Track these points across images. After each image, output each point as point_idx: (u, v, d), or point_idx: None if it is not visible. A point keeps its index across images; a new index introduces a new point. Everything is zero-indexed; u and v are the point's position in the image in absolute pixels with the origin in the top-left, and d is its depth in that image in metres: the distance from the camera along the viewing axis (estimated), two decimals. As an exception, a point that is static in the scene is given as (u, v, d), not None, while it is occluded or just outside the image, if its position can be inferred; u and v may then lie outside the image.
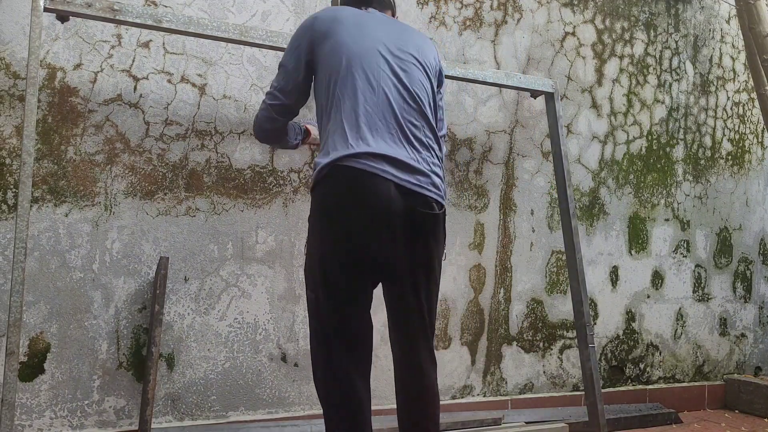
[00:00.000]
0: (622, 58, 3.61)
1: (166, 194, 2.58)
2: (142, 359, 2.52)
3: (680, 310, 3.78)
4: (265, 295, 2.74)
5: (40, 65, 2.35)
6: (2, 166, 2.35)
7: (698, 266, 3.85)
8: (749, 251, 4.04)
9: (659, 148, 3.73)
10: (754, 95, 4.00)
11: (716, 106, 3.93)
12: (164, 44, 2.58)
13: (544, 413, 3.18)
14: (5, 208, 2.35)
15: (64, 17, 2.22)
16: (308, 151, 2.81)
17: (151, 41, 2.56)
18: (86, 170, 2.46)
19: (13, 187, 2.35)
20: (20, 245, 2.00)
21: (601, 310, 3.52)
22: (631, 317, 3.61)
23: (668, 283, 3.74)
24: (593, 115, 3.52)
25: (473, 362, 3.17)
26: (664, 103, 3.75)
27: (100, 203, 2.48)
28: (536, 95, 3.04)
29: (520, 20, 3.31)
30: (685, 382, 3.80)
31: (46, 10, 2.11)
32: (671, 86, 3.77)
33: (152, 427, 2.47)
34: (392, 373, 2.06)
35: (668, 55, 3.77)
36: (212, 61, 2.65)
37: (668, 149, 3.76)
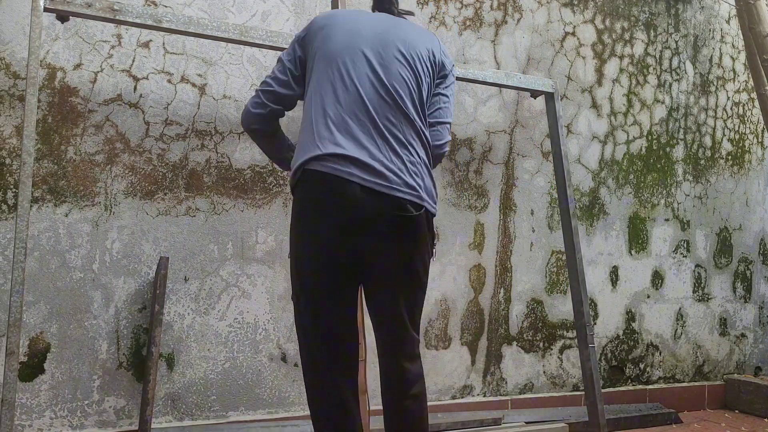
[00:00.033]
0: (622, 58, 3.61)
1: (166, 194, 2.58)
2: (142, 359, 2.52)
3: (680, 310, 3.78)
4: (265, 295, 2.74)
5: (40, 65, 2.35)
6: (2, 166, 2.35)
7: (698, 266, 3.85)
8: (749, 251, 4.04)
9: (659, 148, 3.73)
10: (754, 95, 4.00)
11: (716, 106, 3.93)
12: (164, 44, 2.58)
13: (544, 413, 3.18)
14: (5, 208, 2.35)
15: (64, 17, 2.22)
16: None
17: (151, 41, 2.56)
18: (86, 170, 2.46)
19: (13, 187, 2.35)
20: (20, 245, 2.00)
21: (601, 310, 3.51)
22: (631, 317, 3.61)
23: (668, 283, 3.74)
24: (593, 115, 3.52)
25: (473, 362, 3.17)
26: (664, 103, 3.75)
27: (100, 203, 2.48)
28: (536, 95, 3.04)
29: (520, 20, 3.31)
30: (685, 382, 3.80)
31: (46, 10, 2.11)
32: (671, 86, 3.77)
33: (152, 427, 2.47)
34: None
35: (668, 55, 3.77)
36: (212, 61, 2.65)
37: (668, 149, 3.76)
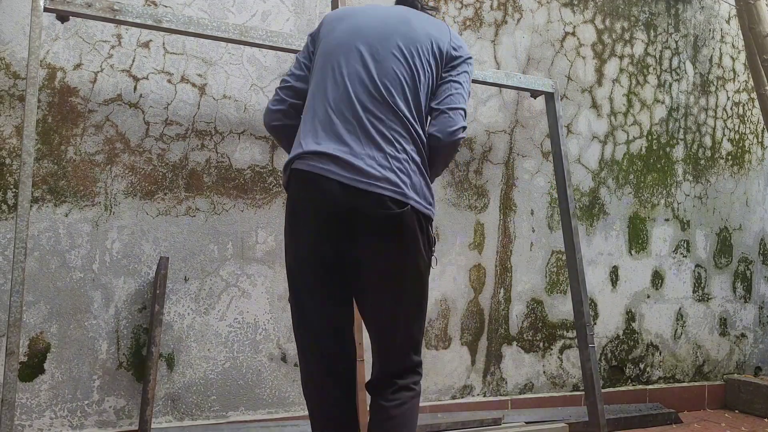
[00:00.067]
0: (622, 58, 3.61)
1: (166, 194, 2.58)
2: (142, 359, 2.52)
3: (680, 310, 3.78)
4: (265, 295, 2.74)
5: (40, 65, 2.35)
6: (2, 166, 2.35)
7: (698, 266, 3.85)
8: (749, 251, 4.04)
9: (659, 148, 3.73)
10: (754, 95, 4.00)
11: (716, 106, 3.93)
12: (164, 44, 2.58)
13: (544, 413, 3.18)
14: (5, 208, 2.35)
15: (64, 17, 2.22)
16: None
17: (151, 41, 2.56)
18: (86, 170, 2.46)
19: (13, 187, 2.35)
20: (20, 245, 2.00)
21: (601, 310, 3.51)
22: (631, 317, 3.61)
23: (668, 283, 3.74)
24: (593, 115, 3.52)
25: (473, 362, 3.17)
26: (664, 103, 3.75)
27: (100, 203, 2.48)
28: (536, 95, 3.04)
29: (520, 20, 3.31)
30: (685, 382, 3.80)
31: (46, 10, 2.11)
32: (671, 86, 3.77)
33: (152, 427, 2.47)
34: None
35: (668, 55, 3.77)
36: (212, 61, 2.65)
37: (668, 149, 3.76)
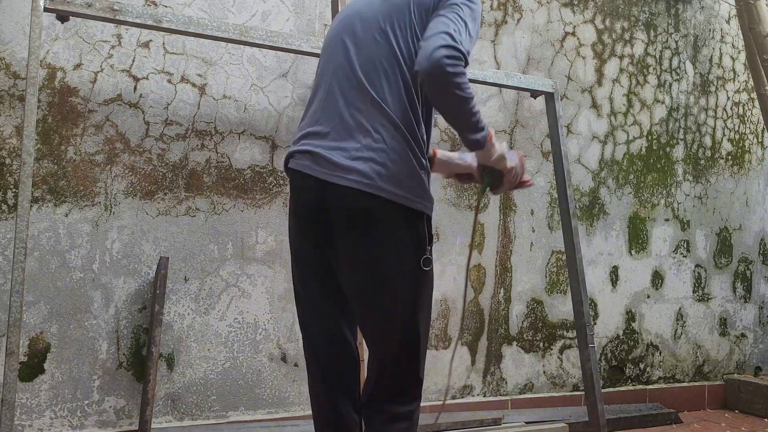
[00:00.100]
0: (622, 58, 3.61)
1: (166, 194, 2.58)
2: (142, 359, 2.52)
3: (680, 310, 3.78)
4: (265, 295, 2.73)
5: (40, 65, 2.35)
6: (2, 166, 2.35)
7: (698, 266, 3.85)
8: (749, 251, 4.04)
9: (659, 148, 3.73)
10: (754, 95, 4.00)
11: (716, 106, 3.93)
12: (164, 44, 2.58)
13: (544, 413, 3.17)
14: (5, 208, 2.35)
15: (64, 17, 2.22)
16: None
17: (151, 41, 2.56)
18: (86, 170, 2.46)
19: (13, 187, 2.35)
20: (20, 245, 2.00)
21: (601, 310, 3.51)
22: (631, 317, 3.61)
23: (668, 283, 3.74)
24: (593, 115, 3.52)
25: (473, 362, 3.17)
26: (664, 103, 3.74)
27: (100, 203, 2.48)
28: (536, 95, 3.04)
29: (520, 20, 3.31)
30: (685, 382, 3.80)
31: (46, 10, 2.11)
32: (671, 86, 3.77)
33: (152, 427, 2.47)
34: None
35: (668, 55, 3.77)
36: (212, 61, 2.65)
37: (668, 149, 3.76)
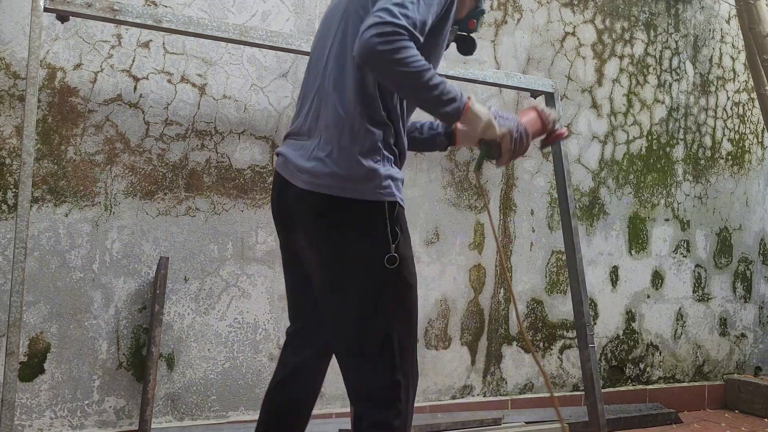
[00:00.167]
0: (622, 58, 3.61)
1: (166, 194, 2.58)
2: (142, 359, 2.52)
3: (680, 310, 3.78)
4: (265, 295, 2.74)
5: (40, 65, 2.35)
6: (2, 166, 2.35)
7: (698, 266, 3.85)
8: (749, 251, 4.04)
9: (659, 148, 3.73)
10: (754, 95, 4.00)
11: (716, 106, 3.93)
12: (164, 44, 2.58)
13: (544, 413, 3.17)
14: (5, 208, 2.35)
15: (64, 17, 2.22)
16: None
17: (151, 41, 2.56)
18: (86, 170, 2.46)
19: (13, 187, 2.35)
20: (20, 245, 2.00)
21: (601, 310, 3.51)
22: (631, 317, 3.61)
23: (668, 283, 3.74)
24: (593, 115, 3.52)
25: (473, 362, 3.17)
26: (664, 103, 3.75)
27: (100, 203, 2.48)
28: (536, 95, 3.03)
29: (520, 20, 3.31)
30: (685, 382, 3.80)
31: (46, 10, 2.11)
32: (671, 86, 3.77)
33: (152, 427, 2.47)
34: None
35: (668, 55, 3.77)
36: (212, 61, 2.65)
37: (668, 149, 3.76)
